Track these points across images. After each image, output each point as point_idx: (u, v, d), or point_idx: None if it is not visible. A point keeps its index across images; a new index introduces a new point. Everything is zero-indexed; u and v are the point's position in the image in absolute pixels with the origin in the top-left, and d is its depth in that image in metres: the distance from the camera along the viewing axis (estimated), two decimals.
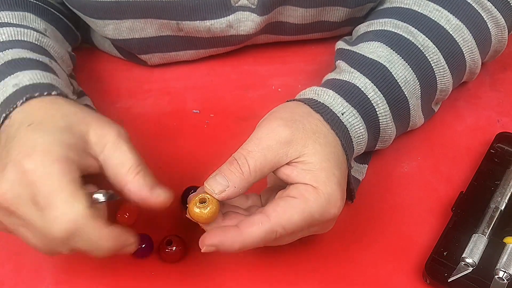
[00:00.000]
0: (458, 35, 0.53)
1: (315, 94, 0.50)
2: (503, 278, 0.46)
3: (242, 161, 0.43)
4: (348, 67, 0.52)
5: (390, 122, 0.51)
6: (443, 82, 0.54)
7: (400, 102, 0.51)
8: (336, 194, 0.43)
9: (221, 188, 0.43)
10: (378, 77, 0.51)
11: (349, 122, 0.49)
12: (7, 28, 0.53)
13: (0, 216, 0.41)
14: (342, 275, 0.49)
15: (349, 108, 0.49)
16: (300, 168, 0.44)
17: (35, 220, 0.39)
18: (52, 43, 0.56)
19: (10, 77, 0.47)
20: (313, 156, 0.44)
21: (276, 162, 0.44)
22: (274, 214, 0.42)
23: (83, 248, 0.41)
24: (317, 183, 0.43)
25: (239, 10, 0.59)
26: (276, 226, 0.42)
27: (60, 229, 0.39)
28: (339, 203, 0.44)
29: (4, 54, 0.50)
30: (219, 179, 0.43)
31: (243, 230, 0.42)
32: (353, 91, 0.50)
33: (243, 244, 0.42)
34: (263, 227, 0.42)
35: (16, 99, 0.45)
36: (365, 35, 0.55)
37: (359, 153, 0.52)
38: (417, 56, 0.52)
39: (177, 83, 0.65)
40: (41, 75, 0.48)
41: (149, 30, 0.61)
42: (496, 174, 0.54)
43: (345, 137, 0.48)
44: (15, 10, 0.56)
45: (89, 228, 0.39)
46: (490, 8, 0.54)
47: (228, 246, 0.42)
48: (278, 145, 0.44)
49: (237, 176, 0.43)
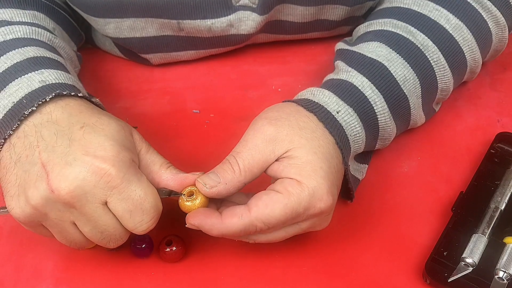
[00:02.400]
0: (458, 35, 0.53)
1: (311, 94, 0.51)
2: (503, 278, 0.46)
3: (232, 161, 0.45)
4: (346, 66, 0.52)
5: (389, 120, 0.51)
6: (444, 81, 0.54)
7: (399, 101, 0.51)
8: (322, 188, 0.43)
9: (212, 183, 0.44)
10: (376, 75, 0.51)
11: (344, 121, 0.49)
12: (21, 26, 0.53)
13: (49, 209, 0.42)
14: (342, 275, 0.49)
15: (345, 107, 0.49)
16: (286, 163, 0.44)
17: (100, 219, 0.43)
18: (63, 44, 0.57)
19: (35, 73, 0.48)
20: (298, 149, 0.44)
21: (264, 161, 0.45)
22: (255, 209, 0.43)
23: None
24: (301, 177, 0.43)
25: (240, 9, 0.59)
26: (255, 220, 0.43)
27: (148, 229, 0.44)
28: (325, 197, 0.43)
29: (24, 50, 0.50)
30: (211, 175, 0.45)
31: (224, 220, 0.43)
32: (350, 90, 0.50)
33: (221, 232, 0.44)
34: (243, 220, 0.43)
35: (44, 94, 0.46)
36: (364, 36, 0.55)
37: (357, 152, 0.52)
38: (417, 55, 0.52)
39: (177, 83, 0.65)
40: (64, 76, 0.49)
41: (150, 29, 0.61)
42: (496, 174, 0.54)
43: (340, 135, 0.48)
44: (25, 9, 0.56)
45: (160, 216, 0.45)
46: (490, 7, 0.54)
47: (207, 230, 0.44)
48: (263, 143, 0.45)
49: (228, 174, 0.44)
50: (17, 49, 0.50)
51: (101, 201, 0.42)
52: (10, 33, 0.52)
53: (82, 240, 0.45)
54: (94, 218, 0.42)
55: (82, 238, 0.45)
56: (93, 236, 0.44)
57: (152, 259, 0.50)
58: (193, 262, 0.50)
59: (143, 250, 0.49)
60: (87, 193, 0.41)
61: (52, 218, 0.43)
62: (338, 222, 0.51)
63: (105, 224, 0.43)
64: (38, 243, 0.51)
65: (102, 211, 0.42)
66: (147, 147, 0.47)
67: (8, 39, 0.51)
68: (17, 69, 0.48)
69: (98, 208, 0.42)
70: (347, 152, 0.49)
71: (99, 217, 0.42)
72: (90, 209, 0.42)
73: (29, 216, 0.43)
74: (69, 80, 0.49)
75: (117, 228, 0.44)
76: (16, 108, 0.46)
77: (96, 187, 0.41)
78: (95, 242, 0.45)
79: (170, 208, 0.51)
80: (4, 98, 0.47)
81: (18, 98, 0.46)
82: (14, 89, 0.47)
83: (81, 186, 0.41)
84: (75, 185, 0.41)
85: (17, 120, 0.44)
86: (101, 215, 0.42)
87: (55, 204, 0.42)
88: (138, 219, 0.43)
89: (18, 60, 0.49)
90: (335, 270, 0.49)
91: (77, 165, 0.41)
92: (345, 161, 0.48)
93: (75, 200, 0.41)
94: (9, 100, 0.46)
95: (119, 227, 0.44)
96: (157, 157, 0.47)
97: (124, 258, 0.50)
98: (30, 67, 0.48)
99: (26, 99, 0.46)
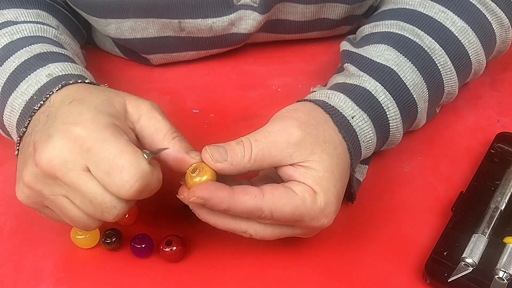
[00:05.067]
0: (463, 37, 0.53)
1: (326, 97, 0.50)
2: (503, 278, 0.46)
3: (247, 145, 0.43)
4: (357, 71, 0.52)
5: (400, 126, 0.51)
6: (450, 85, 0.54)
7: (409, 106, 0.51)
8: (332, 206, 0.44)
9: (220, 158, 0.43)
10: (387, 80, 0.50)
11: (358, 126, 0.49)
12: (27, 25, 0.53)
13: (40, 186, 0.42)
14: (342, 275, 0.49)
15: (359, 112, 0.49)
16: (302, 171, 0.44)
17: (85, 186, 0.40)
18: (69, 40, 0.57)
19: (42, 68, 0.49)
20: (318, 164, 0.44)
21: (278, 160, 0.44)
22: (270, 196, 0.42)
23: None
24: (317, 189, 0.43)
25: (241, 8, 0.59)
26: (266, 206, 0.42)
27: (131, 190, 0.40)
28: (331, 215, 0.45)
29: (31, 48, 0.51)
30: (221, 150, 0.43)
31: (236, 195, 0.42)
32: (364, 95, 0.50)
33: (230, 207, 0.42)
34: (254, 201, 0.42)
35: (51, 87, 0.46)
36: (370, 37, 0.55)
37: (366, 157, 0.52)
38: (424, 58, 0.52)
39: (177, 83, 0.65)
40: (71, 67, 0.50)
41: (151, 30, 0.61)
42: (496, 174, 0.54)
43: (353, 141, 0.48)
44: (28, 8, 0.56)
45: (153, 180, 0.42)
46: (494, 8, 0.54)
47: (215, 203, 0.42)
48: (285, 144, 0.44)
49: (238, 156, 0.43)
50: (25, 47, 0.51)
51: (81, 167, 0.40)
52: (16, 32, 0.52)
53: (82, 216, 0.43)
54: (79, 186, 0.41)
55: (81, 213, 0.43)
56: (86, 208, 0.42)
57: (152, 259, 0.50)
58: (193, 262, 0.50)
59: (143, 250, 0.49)
60: (66, 160, 0.40)
61: (47, 195, 0.42)
62: (338, 222, 0.51)
63: (92, 192, 0.41)
64: (38, 243, 0.51)
65: (86, 177, 0.40)
66: (149, 112, 0.45)
67: (15, 38, 0.52)
68: (25, 67, 0.49)
69: (81, 175, 0.40)
70: (357, 158, 0.49)
71: (84, 184, 0.40)
72: (73, 178, 0.40)
73: (28, 197, 0.43)
74: (76, 70, 0.50)
75: (104, 194, 0.41)
76: (28, 105, 0.47)
77: (73, 153, 0.40)
78: (91, 214, 0.42)
79: (170, 208, 0.51)
80: (17, 97, 0.48)
81: (29, 95, 0.47)
82: (24, 87, 0.48)
83: (59, 155, 0.40)
84: (53, 155, 0.40)
85: (28, 117, 0.46)
86: (85, 181, 0.40)
87: (43, 178, 0.41)
88: (117, 179, 0.40)
89: (25, 58, 0.50)
90: (335, 270, 0.49)
91: (56, 135, 0.41)
92: (352, 167, 0.47)
93: (56, 169, 0.40)
94: (22, 99, 0.48)
95: (107, 193, 0.41)
96: (161, 124, 0.45)
97: (124, 258, 0.50)
98: (37, 63, 0.49)
99: (36, 95, 0.47)
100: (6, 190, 0.55)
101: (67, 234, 0.50)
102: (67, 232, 0.50)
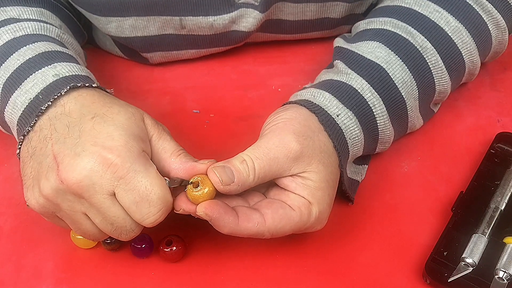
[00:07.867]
0: (457, 37, 0.53)
1: (311, 95, 0.51)
2: (503, 278, 0.46)
3: (250, 164, 0.44)
4: (345, 68, 0.52)
5: (387, 123, 0.52)
6: (441, 84, 0.54)
7: (397, 103, 0.52)
8: (325, 213, 0.46)
9: (228, 181, 0.44)
10: (375, 78, 0.51)
11: (344, 124, 0.49)
12: (30, 23, 0.53)
13: (60, 200, 0.43)
14: (342, 275, 0.49)
15: (344, 110, 0.49)
16: (299, 182, 0.45)
17: (109, 210, 0.42)
18: (71, 40, 0.57)
19: (48, 67, 0.48)
20: (314, 174, 0.45)
21: (279, 174, 0.45)
22: (271, 221, 0.44)
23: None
24: (312, 200, 0.45)
25: (242, 6, 0.59)
26: (267, 231, 0.44)
27: (155, 222, 0.43)
28: (324, 221, 0.47)
29: (34, 46, 0.51)
30: (228, 172, 0.44)
31: (240, 223, 0.43)
32: (350, 93, 0.50)
33: (232, 232, 0.44)
34: (257, 228, 0.44)
35: (59, 88, 0.46)
36: (364, 33, 0.55)
37: (356, 155, 0.52)
38: (415, 57, 0.52)
39: (177, 83, 0.65)
40: (77, 68, 0.50)
41: (152, 28, 0.61)
42: (496, 174, 0.54)
43: (339, 138, 0.48)
44: (32, 6, 0.56)
45: (171, 207, 0.44)
46: (490, 9, 0.54)
47: (220, 226, 0.43)
48: (285, 159, 0.45)
49: (244, 176, 0.44)
50: (28, 45, 0.50)
51: (108, 192, 0.42)
52: (19, 30, 0.52)
53: (96, 232, 0.45)
54: (103, 209, 0.42)
55: (96, 229, 0.45)
56: (105, 228, 0.44)
57: (152, 259, 0.50)
58: (193, 262, 0.50)
59: (143, 250, 0.49)
60: (95, 183, 0.41)
61: (65, 208, 0.43)
62: (338, 222, 0.51)
63: (114, 216, 0.43)
64: (38, 243, 0.51)
65: (111, 202, 0.42)
66: (160, 133, 0.47)
67: (18, 36, 0.52)
68: (30, 65, 0.49)
69: (107, 199, 0.42)
70: (345, 156, 0.49)
71: (108, 208, 0.42)
72: (98, 200, 0.42)
73: (43, 207, 0.43)
74: (83, 71, 0.50)
75: (126, 219, 0.43)
76: (33, 104, 0.47)
77: (103, 178, 0.41)
78: (107, 233, 0.45)
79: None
80: (21, 95, 0.48)
81: (34, 94, 0.47)
82: (29, 85, 0.48)
83: (89, 176, 0.41)
84: (83, 176, 0.41)
85: (35, 116, 0.46)
86: (109, 206, 0.42)
87: (65, 194, 0.42)
88: (145, 211, 0.42)
89: (30, 56, 0.49)
90: (335, 270, 0.49)
91: (85, 155, 0.42)
92: (341, 164, 0.48)
93: (83, 190, 0.42)
94: (26, 97, 0.47)
95: (129, 219, 0.43)
96: (169, 144, 0.46)
97: (124, 258, 0.50)
98: (43, 62, 0.49)
99: (42, 94, 0.47)
100: (6, 190, 0.55)
101: (67, 234, 0.50)
102: (67, 232, 0.50)
